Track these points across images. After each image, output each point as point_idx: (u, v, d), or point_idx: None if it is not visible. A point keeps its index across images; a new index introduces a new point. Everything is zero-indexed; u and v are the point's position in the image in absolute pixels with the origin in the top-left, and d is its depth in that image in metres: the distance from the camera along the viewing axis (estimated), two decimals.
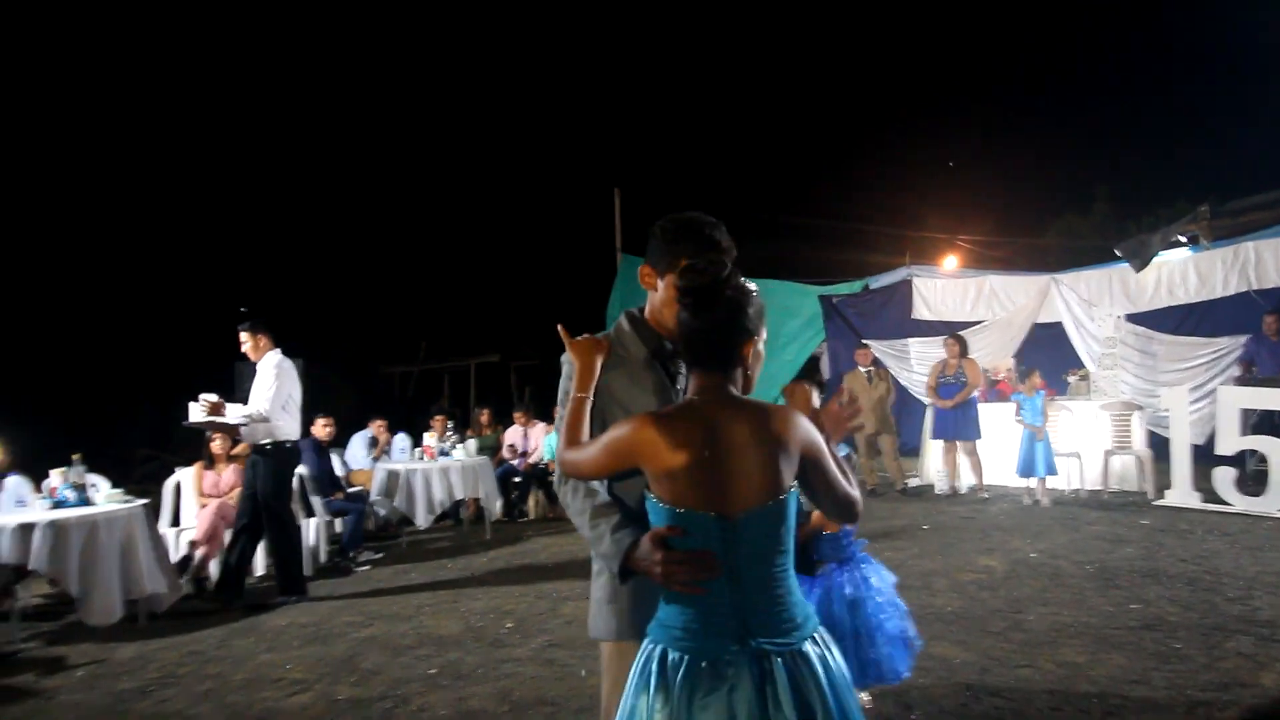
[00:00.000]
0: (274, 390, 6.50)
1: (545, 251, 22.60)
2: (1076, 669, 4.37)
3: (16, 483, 6.44)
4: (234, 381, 13.92)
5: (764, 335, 2.00)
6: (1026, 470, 9.43)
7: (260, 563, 7.49)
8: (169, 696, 4.68)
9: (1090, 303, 11.63)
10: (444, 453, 9.54)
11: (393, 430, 10.35)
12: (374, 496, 8.88)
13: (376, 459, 9.66)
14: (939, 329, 12.09)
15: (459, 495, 9.27)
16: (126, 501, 6.32)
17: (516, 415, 11.62)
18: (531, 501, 10.73)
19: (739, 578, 1.78)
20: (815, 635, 1.83)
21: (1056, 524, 8.25)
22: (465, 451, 9.72)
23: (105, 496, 6.40)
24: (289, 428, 6.66)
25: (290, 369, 6.72)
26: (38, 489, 6.50)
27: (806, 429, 1.86)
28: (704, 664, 1.74)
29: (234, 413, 6.59)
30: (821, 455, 1.89)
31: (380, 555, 8.53)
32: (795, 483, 1.85)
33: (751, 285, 1.96)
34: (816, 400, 2.07)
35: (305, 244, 21.67)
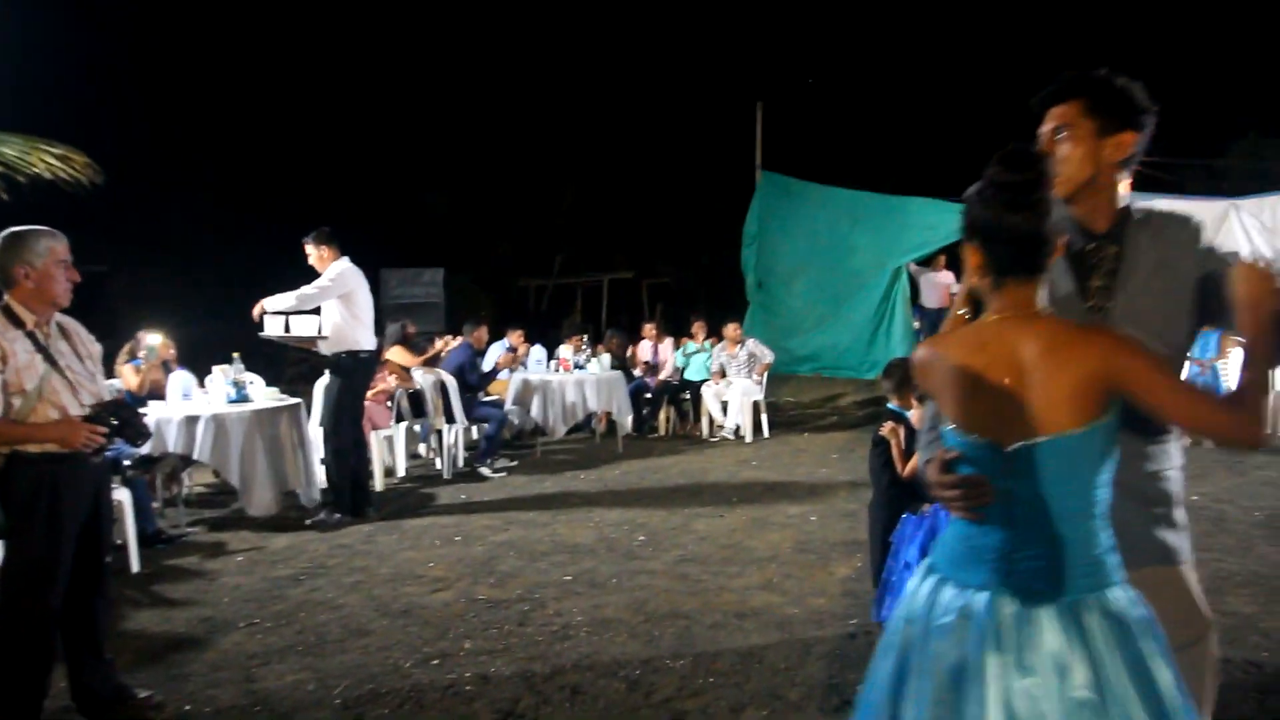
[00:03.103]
0: (336, 307, 6.29)
1: (682, 168, 22.20)
2: (1246, 619, 4.07)
3: (183, 377, 6.80)
4: (380, 290, 14.43)
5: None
6: None
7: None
8: (320, 585, 4.91)
9: (1274, 232, 10.64)
10: (579, 365, 9.64)
11: (528, 341, 10.49)
12: (509, 405, 9.06)
13: (513, 369, 9.81)
14: None
15: (592, 408, 9.38)
16: (283, 399, 6.62)
17: (646, 329, 11.57)
18: (662, 417, 10.75)
19: (1012, 512, 1.64)
20: (1105, 598, 1.61)
21: (1219, 466, 7.70)
22: (599, 365, 9.80)
23: (263, 394, 6.71)
24: (363, 337, 6.43)
25: (353, 276, 6.40)
26: (201, 384, 6.86)
27: (1120, 350, 1.60)
28: (951, 590, 1.68)
29: (308, 326, 6.37)
30: (1143, 379, 1.59)
31: (515, 463, 8.72)
32: (1103, 418, 1.61)
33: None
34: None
35: (445, 155, 21.99)
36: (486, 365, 9.88)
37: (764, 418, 10.19)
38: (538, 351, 10.43)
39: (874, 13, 23.38)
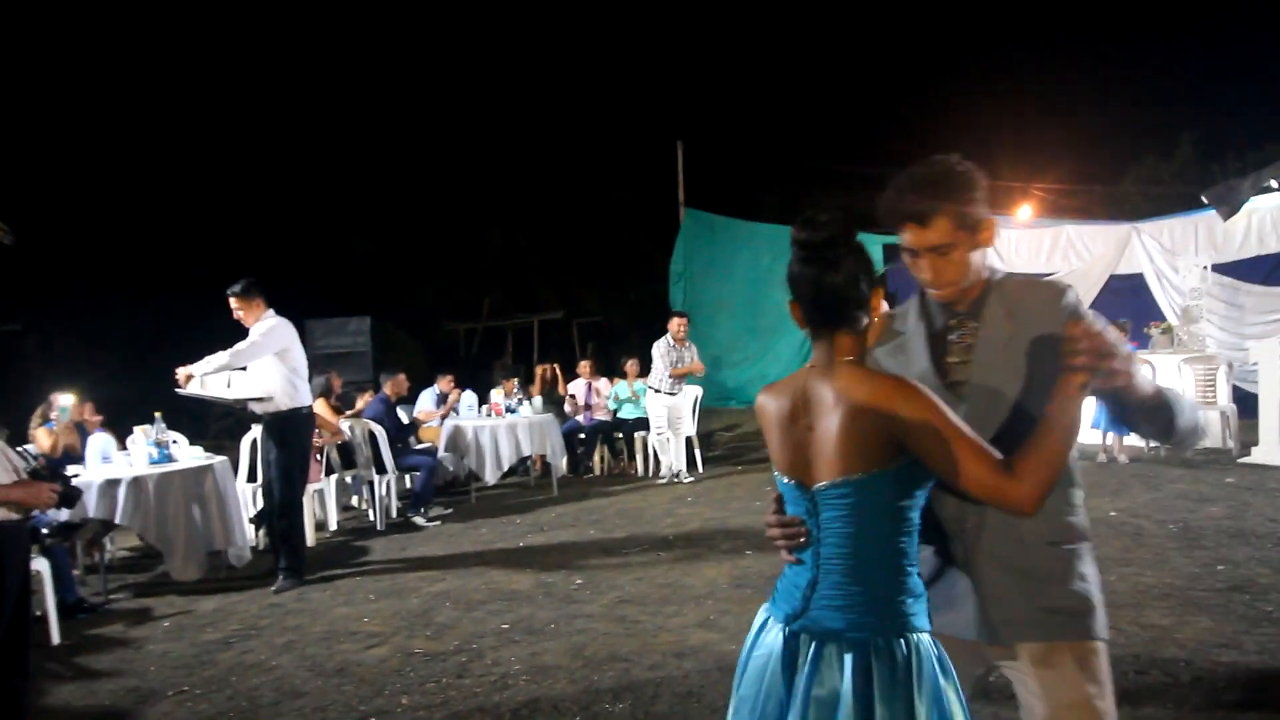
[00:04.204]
0: (272, 364, 6.07)
1: (608, 207, 22.43)
2: (1162, 632, 4.23)
3: (102, 439, 6.64)
4: (306, 341, 14.17)
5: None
6: (1108, 425, 9.09)
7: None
8: (251, 648, 4.81)
9: (1173, 252, 11.20)
10: (511, 410, 9.62)
11: (458, 386, 10.42)
12: (441, 453, 8.99)
13: (444, 416, 9.75)
14: None
15: (526, 452, 9.34)
16: (208, 458, 6.48)
17: (581, 367, 11.62)
18: (596, 457, 10.77)
19: (818, 550, 1.71)
20: (894, 643, 1.61)
21: (1136, 481, 8.01)
22: (532, 409, 9.79)
23: (187, 453, 6.57)
24: (304, 393, 6.24)
25: (285, 331, 6.18)
26: (122, 445, 6.69)
27: (909, 401, 1.60)
28: (765, 623, 1.79)
29: (234, 385, 6.15)
30: (928, 432, 1.59)
31: (449, 511, 8.65)
32: (889, 465, 1.63)
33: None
34: None
35: (368, 201, 21.85)
36: (421, 406, 9.80)
37: (698, 453, 10.28)
38: (469, 397, 10.37)
39: (790, 51, 24.06)
